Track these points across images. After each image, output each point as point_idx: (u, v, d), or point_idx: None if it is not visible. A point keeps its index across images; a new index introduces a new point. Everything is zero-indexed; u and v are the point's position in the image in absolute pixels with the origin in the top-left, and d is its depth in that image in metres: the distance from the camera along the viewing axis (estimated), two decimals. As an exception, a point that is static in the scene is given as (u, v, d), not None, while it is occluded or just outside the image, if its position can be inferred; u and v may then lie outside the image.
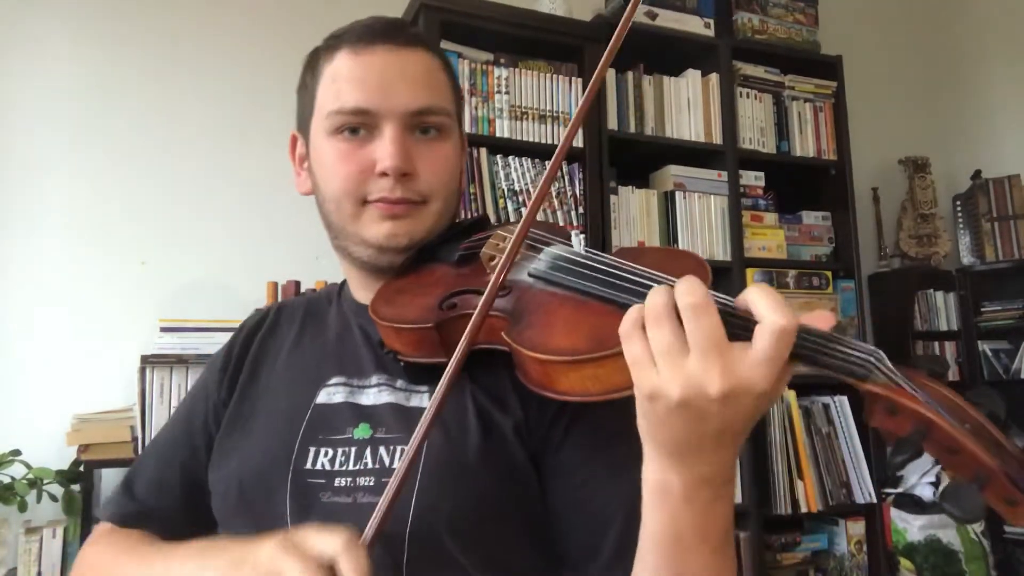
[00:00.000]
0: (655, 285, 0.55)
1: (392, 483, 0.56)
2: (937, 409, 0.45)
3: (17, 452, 1.92)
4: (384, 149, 0.72)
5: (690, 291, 0.48)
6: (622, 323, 0.50)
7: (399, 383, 0.72)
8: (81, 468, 1.91)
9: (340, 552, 0.51)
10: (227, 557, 0.59)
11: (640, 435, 0.52)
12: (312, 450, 0.70)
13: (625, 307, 0.56)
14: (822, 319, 0.48)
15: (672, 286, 0.49)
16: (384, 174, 0.73)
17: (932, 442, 0.45)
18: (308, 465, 0.69)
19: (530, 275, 0.65)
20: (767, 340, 0.46)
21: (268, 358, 0.82)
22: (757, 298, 0.47)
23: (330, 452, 0.69)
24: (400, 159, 0.72)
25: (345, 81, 0.74)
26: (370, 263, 0.77)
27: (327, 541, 0.52)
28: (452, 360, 0.59)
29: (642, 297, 0.55)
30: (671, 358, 0.47)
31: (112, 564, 0.74)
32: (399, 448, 0.67)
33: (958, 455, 0.44)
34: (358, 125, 0.74)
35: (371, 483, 0.66)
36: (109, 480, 2.03)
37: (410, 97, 0.74)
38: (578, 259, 0.63)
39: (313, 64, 0.78)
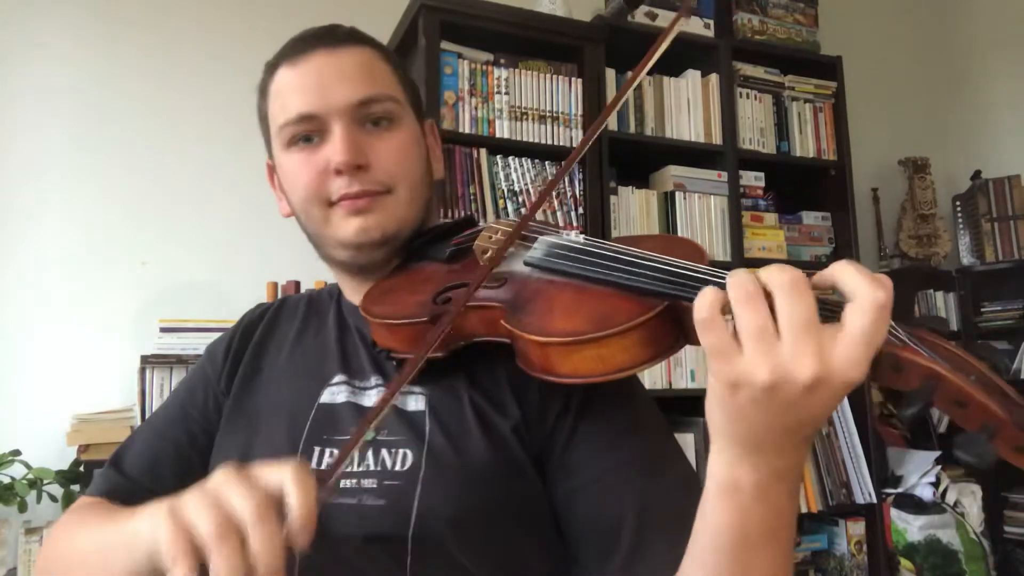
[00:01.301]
0: (657, 265, 0.55)
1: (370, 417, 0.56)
2: (942, 363, 0.45)
3: (17, 452, 1.92)
4: (333, 147, 0.73)
5: (783, 269, 0.45)
6: (698, 309, 0.46)
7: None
8: (81, 468, 1.91)
9: (289, 482, 0.47)
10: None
11: (711, 429, 0.50)
12: (317, 450, 0.70)
13: (625, 288, 0.56)
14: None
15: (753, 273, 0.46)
16: (339, 171, 0.73)
17: (940, 396, 0.44)
18: (313, 465, 0.69)
19: (526, 263, 0.66)
20: (865, 318, 0.43)
21: (270, 351, 0.82)
22: (846, 273, 0.44)
23: (335, 453, 0.69)
24: (349, 153, 0.72)
25: (288, 93, 0.75)
26: (352, 263, 0.78)
27: (276, 470, 0.48)
28: (436, 334, 0.60)
29: (643, 277, 0.55)
30: (763, 341, 0.44)
31: (76, 528, 0.69)
32: (401, 451, 0.67)
33: (966, 407, 0.44)
34: (310, 132, 0.75)
35: (374, 485, 0.66)
36: (109, 480, 2.03)
37: (349, 91, 0.74)
38: (573, 245, 0.64)
39: (263, 88, 0.80)
